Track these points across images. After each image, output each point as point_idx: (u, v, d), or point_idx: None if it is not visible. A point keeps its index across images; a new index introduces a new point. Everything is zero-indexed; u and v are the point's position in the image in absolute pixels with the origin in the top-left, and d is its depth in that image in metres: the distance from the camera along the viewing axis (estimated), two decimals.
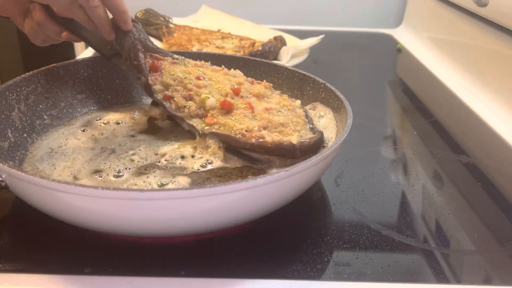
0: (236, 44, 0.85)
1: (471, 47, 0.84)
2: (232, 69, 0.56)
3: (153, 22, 0.92)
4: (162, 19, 0.93)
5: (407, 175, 0.54)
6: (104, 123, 0.55)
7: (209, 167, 0.46)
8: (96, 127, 0.54)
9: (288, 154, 0.45)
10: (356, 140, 0.59)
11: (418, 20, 1.11)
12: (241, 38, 0.88)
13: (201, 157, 0.47)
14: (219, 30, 0.95)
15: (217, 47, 0.85)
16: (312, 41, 0.85)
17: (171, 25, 0.92)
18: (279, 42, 0.82)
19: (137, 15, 0.94)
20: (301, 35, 0.92)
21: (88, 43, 0.55)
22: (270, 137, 0.45)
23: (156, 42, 0.89)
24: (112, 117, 0.56)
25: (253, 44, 0.84)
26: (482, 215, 0.47)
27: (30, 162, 0.46)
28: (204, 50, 0.82)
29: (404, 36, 1.12)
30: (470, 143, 0.64)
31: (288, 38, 0.89)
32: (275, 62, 0.63)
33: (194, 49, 0.83)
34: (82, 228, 0.38)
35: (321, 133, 0.48)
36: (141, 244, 0.39)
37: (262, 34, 0.92)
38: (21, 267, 0.37)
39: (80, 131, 0.52)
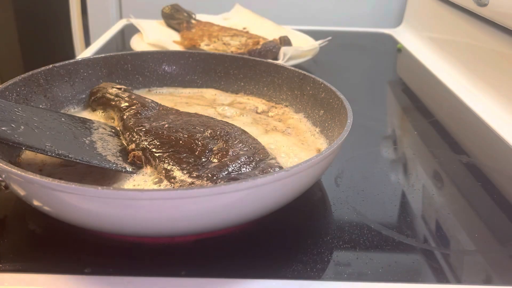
0: (242, 42, 0.86)
1: (471, 47, 0.84)
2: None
3: (176, 17, 0.97)
4: (186, 14, 0.97)
5: (407, 175, 0.54)
6: None
7: None
8: None
9: None
10: (356, 140, 0.59)
11: (418, 20, 1.11)
12: (249, 37, 0.89)
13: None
14: (244, 29, 0.97)
15: (224, 43, 0.86)
16: (315, 45, 0.84)
17: (192, 21, 0.95)
18: (282, 42, 0.82)
19: (164, 10, 0.98)
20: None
21: None
22: None
23: (175, 35, 0.93)
24: None
25: (257, 42, 0.84)
26: (482, 215, 0.47)
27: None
28: (211, 46, 0.85)
29: (404, 36, 1.12)
30: (470, 143, 0.64)
31: (302, 38, 0.90)
32: (275, 62, 0.63)
33: (203, 44, 0.85)
34: (82, 228, 0.38)
35: None
36: (141, 244, 0.39)
37: (279, 34, 0.92)
38: (21, 267, 0.37)
39: None
